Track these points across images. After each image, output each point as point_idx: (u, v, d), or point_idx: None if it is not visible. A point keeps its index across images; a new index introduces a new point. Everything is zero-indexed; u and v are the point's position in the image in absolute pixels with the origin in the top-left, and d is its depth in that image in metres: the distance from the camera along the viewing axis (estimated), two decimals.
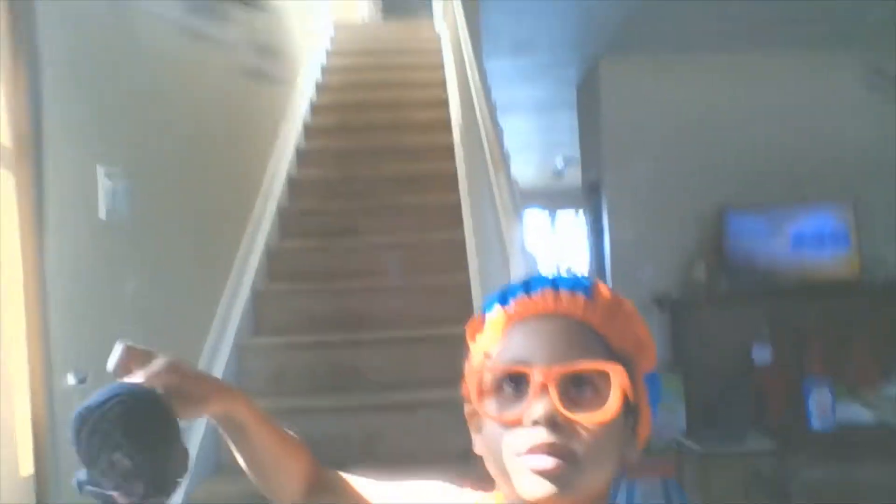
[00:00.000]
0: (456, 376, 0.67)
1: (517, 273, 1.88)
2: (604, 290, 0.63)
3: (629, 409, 0.60)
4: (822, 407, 2.93)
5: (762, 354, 4.08)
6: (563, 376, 0.56)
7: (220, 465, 2.18)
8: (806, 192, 4.44)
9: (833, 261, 4.36)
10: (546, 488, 0.55)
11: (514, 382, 0.58)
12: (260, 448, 0.67)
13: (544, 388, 0.55)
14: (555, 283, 0.62)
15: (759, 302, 4.20)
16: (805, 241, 4.39)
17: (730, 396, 3.20)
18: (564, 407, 0.55)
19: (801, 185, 4.48)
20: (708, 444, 2.93)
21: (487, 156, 2.49)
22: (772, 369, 4.03)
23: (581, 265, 8.50)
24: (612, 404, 0.56)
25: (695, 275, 4.45)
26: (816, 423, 2.92)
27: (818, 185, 4.44)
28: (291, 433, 0.72)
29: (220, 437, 0.68)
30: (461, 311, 2.70)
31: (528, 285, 0.63)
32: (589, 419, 0.56)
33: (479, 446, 0.63)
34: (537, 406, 0.55)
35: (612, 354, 0.60)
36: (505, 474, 0.59)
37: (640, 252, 4.57)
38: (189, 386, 0.60)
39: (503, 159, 2.73)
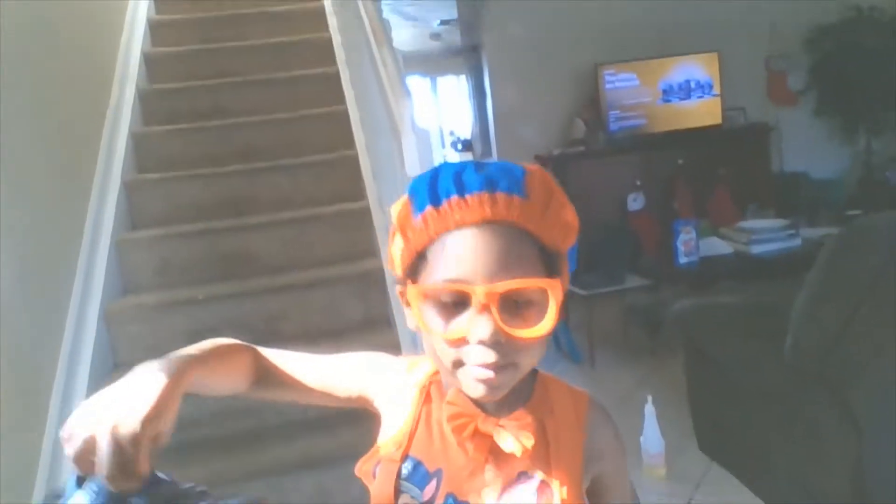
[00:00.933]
0: (351, 252, 0.66)
1: (410, 150, 1.84)
2: (537, 183, 0.62)
3: None
4: (688, 245, 3.22)
5: (636, 202, 4.39)
6: (503, 294, 0.58)
7: None
8: (674, 45, 4.60)
9: (699, 109, 4.64)
10: (486, 390, 0.61)
11: (455, 296, 0.59)
12: (208, 386, 0.66)
13: (486, 308, 0.57)
14: (490, 184, 0.60)
15: (633, 154, 4.44)
16: (674, 92, 4.62)
17: (608, 243, 3.44)
18: (504, 322, 0.58)
19: (670, 39, 4.63)
20: (591, 287, 3.17)
21: (367, 26, 2.34)
22: (645, 215, 4.36)
23: (465, 128, 8.55)
24: (550, 320, 0.59)
25: (573, 132, 4.60)
26: (683, 259, 3.21)
27: (685, 38, 4.61)
28: (229, 342, 0.70)
29: None
30: (350, 186, 2.66)
31: (462, 185, 0.60)
32: (528, 334, 0.59)
33: (411, 322, 0.65)
34: (480, 326, 0.57)
35: (545, 253, 0.62)
36: (445, 368, 0.63)
37: (521, 113, 4.64)
38: (153, 427, 0.54)
39: (384, 31, 2.58)
